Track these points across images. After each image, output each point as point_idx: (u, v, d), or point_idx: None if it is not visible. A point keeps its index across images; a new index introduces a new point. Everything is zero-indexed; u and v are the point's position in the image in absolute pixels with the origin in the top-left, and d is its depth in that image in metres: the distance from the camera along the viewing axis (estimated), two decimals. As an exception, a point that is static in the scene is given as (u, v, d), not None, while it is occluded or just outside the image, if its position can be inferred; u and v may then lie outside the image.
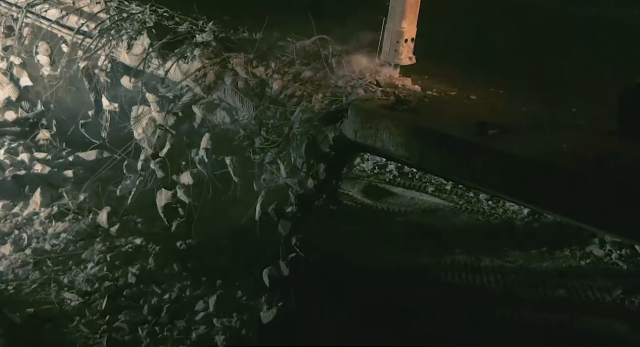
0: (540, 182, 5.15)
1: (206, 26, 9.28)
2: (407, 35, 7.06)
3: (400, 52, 7.12)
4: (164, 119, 9.04)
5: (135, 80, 9.86)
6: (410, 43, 7.12)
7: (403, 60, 7.19)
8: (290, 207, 7.27)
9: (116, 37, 10.09)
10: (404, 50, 7.12)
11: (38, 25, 11.78)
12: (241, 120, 7.98)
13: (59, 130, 11.92)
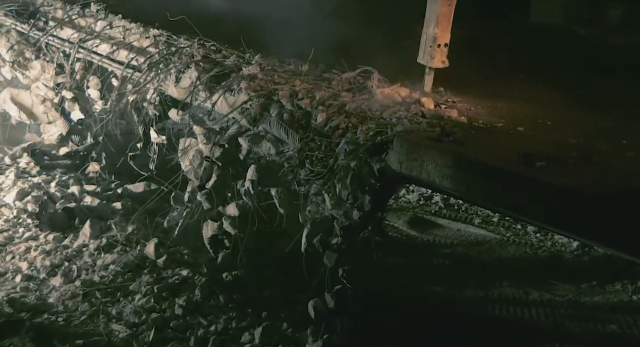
0: (590, 215, 5.05)
1: (252, 59, 9.41)
2: (440, 41, 7.30)
3: (433, 56, 7.36)
4: (211, 151, 9.13)
5: (182, 112, 10.03)
6: (443, 48, 7.36)
7: (436, 64, 7.44)
8: (335, 238, 7.25)
9: (165, 71, 10.28)
10: (437, 54, 7.36)
11: (89, 60, 12.09)
12: (286, 152, 8.02)
13: (108, 163, 12.13)
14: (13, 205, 10.94)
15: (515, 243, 10.84)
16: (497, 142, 6.44)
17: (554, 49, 10.46)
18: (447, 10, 7.24)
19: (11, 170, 12.25)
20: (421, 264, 10.16)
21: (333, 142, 7.18)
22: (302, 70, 8.64)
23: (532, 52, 10.20)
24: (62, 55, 12.72)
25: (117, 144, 11.79)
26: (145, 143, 10.98)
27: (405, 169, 6.42)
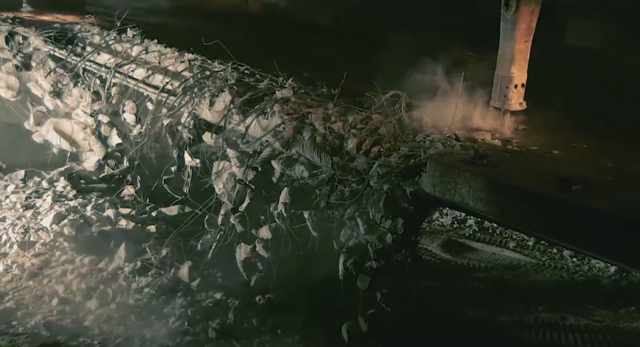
0: (628, 239, 4.97)
1: (286, 82, 9.47)
2: (516, 81, 7.07)
3: (510, 97, 7.14)
4: (244, 174, 9.18)
5: (216, 136, 10.11)
6: (520, 89, 7.13)
7: (513, 106, 7.20)
8: (369, 262, 7.21)
9: (199, 95, 10.40)
10: (513, 96, 7.13)
11: (125, 85, 12.28)
12: (319, 175, 8.04)
13: (143, 186, 12.26)
14: (50, 228, 11.08)
15: (551, 267, 10.70)
16: (532, 165, 6.38)
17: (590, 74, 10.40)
18: (524, 47, 6.99)
19: (48, 194, 12.44)
20: (455, 288, 10.07)
21: (366, 165, 7.19)
22: (335, 94, 8.67)
23: (568, 76, 10.15)
24: (99, 80, 12.95)
25: (152, 167, 11.92)
26: (179, 166, 11.09)
27: (439, 192, 6.38)
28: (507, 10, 6.91)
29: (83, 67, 13.12)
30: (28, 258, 10.30)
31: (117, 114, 12.57)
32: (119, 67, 12.43)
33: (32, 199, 12.34)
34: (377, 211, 6.96)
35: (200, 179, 10.38)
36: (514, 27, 6.91)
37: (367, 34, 12.75)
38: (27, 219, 11.51)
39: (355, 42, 12.42)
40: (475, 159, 6.39)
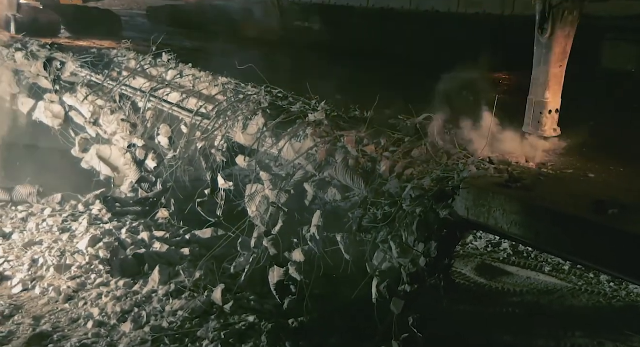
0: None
1: (319, 105, 9.51)
2: (551, 107, 7.04)
3: (543, 123, 7.11)
4: (277, 197, 9.20)
5: (249, 159, 10.17)
6: (554, 114, 7.10)
7: (547, 132, 7.17)
8: (402, 285, 7.16)
9: (232, 118, 10.49)
10: (547, 121, 7.11)
11: (160, 109, 12.43)
12: (352, 198, 8.03)
13: (177, 209, 12.34)
14: (86, 252, 11.19)
15: (587, 292, 10.51)
16: (567, 189, 6.31)
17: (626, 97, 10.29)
18: (559, 72, 6.96)
19: (84, 217, 12.58)
20: (490, 313, 9.94)
21: (398, 188, 7.17)
22: (368, 117, 8.68)
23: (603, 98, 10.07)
24: (134, 105, 13.15)
25: (186, 190, 12.02)
26: (213, 189, 11.16)
27: (473, 216, 6.34)
28: (541, 34, 6.90)
29: (119, 92, 13.34)
30: (64, 281, 10.40)
31: (151, 138, 12.72)
32: (154, 91, 12.63)
33: (69, 223, 12.50)
34: (410, 234, 6.93)
35: (234, 202, 10.43)
36: (549, 52, 6.91)
37: (402, 57, 12.80)
38: (64, 242, 11.64)
39: (389, 66, 12.46)
40: (509, 182, 6.35)
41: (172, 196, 12.41)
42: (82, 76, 14.17)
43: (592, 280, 10.94)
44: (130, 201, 13.09)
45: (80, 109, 13.81)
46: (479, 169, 6.76)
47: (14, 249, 11.36)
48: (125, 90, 13.28)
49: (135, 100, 13.10)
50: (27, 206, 13.27)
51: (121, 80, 13.45)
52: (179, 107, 11.86)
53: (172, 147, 12.30)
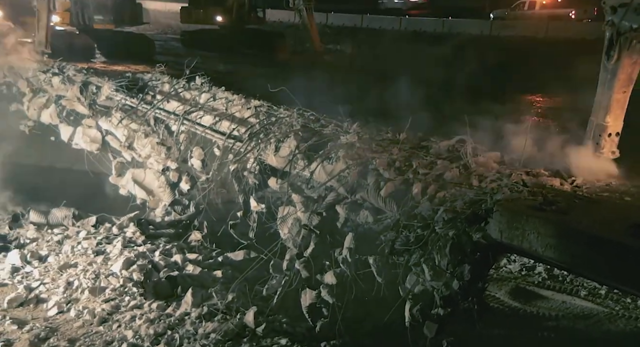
0: None
1: (350, 128, 9.53)
2: (611, 130, 7.02)
3: (602, 146, 7.09)
4: (309, 219, 9.20)
5: (281, 181, 10.20)
6: (614, 137, 7.06)
7: (605, 154, 7.14)
8: (435, 309, 7.09)
9: (265, 140, 10.55)
10: (606, 144, 7.08)
11: (193, 132, 12.55)
12: (384, 221, 8.00)
13: (209, 232, 12.38)
14: (120, 274, 11.25)
15: (624, 317, 10.29)
16: (603, 212, 6.22)
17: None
18: (622, 97, 6.96)
19: (118, 239, 12.67)
20: (524, 337, 9.78)
21: (431, 210, 7.13)
22: (400, 139, 8.68)
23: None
24: (167, 128, 13.31)
25: (218, 212, 12.07)
26: (245, 211, 11.19)
27: (506, 238, 6.28)
28: (607, 60, 6.94)
29: (153, 115, 13.51)
30: (98, 303, 10.47)
31: (185, 161, 12.83)
32: (187, 114, 12.77)
33: (103, 245, 12.59)
34: (443, 256, 6.88)
35: (266, 224, 10.45)
36: (614, 77, 6.92)
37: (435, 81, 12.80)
38: (98, 265, 11.73)
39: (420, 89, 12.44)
40: (543, 205, 6.28)
41: (205, 218, 12.48)
42: (117, 100, 14.38)
43: (629, 305, 10.72)
44: (163, 224, 13.18)
45: (116, 132, 14.01)
46: (512, 191, 6.70)
47: (50, 271, 11.47)
48: (159, 114, 13.45)
49: (168, 123, 13.25)
50: (63, 229, 13.41)
51: (155, 103, 13.63)
52: (211, 130, 11.98)
53: (205, 169, 12.40)
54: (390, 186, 7.78)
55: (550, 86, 7.95)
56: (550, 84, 7.41)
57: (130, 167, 13.65)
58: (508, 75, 10.72)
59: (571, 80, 8.85)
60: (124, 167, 13.79)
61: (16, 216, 13.73)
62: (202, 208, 12.26)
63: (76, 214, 13.82)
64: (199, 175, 12.42)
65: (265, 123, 10.82)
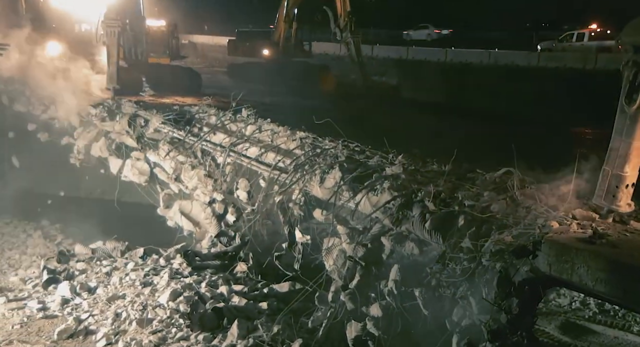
0: None
1: (396, 159, 9.51)
2: (628, 181, 6.56)
3: (619, 198, 6.63)
4: (354, 251, 9.17)
5: (326, 212, 10.20)
6: (630, 189, 6.62)
7: (622, 207, 6.69)
8: (483, 343, 6.98)
9: (310, 172, 10.60)
10: (623, 196, 6.63)
11: (239, 163, 12.67)
12: (430, 253, 7.93)
13: (255, 263, 12.40)
14: (167, 305, 11.32)
15: (679, 353, 9.97)
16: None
17: None
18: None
19: (165, 271, 12.77)
20: (576, 372, 9.53)
21: (478, 243, 7.05)
22: (446, 170, 8.63)
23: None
24: (214, 160, 13.46)
25: (264, 244, 12.09)
26: (290, 243, 11.20)
27: (555, 272, 6.17)
28: (628, 104, 6.41)
29: (200, 147, 13.69)
30: (146, 335, 10.53)
31: (230, 192, 12.93)
32: (233, 146, 12.91)
33: (150, 276, 12.70)
34: (491, 290, 6.78)
35: (311, 255, 10.44)
36: (634, 124, 6.42)
37: (480, 110, 12.75)
38: (145, 296, 11.82)
39: (465, 120, 12.42)
40: (593, 238, 6.16)
41: (251, 250, 12.52)
42: (164, 132, 14.61)
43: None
44: (209, 255, 13.25)
45: (163, 165, 14.21)
46: (561, 224, 6.59)
47: (98, 303, 11.60)
48: (205, 146, 13.62)
49: (215, 155, 13.40)
50: (111, 260, 13.58)
51: (202, 135, 13.81)
52: (257, 162, 12.09)
53: (250, 201, 12.48)
54: (436, 218, 7.72)
55: (599, 118, 7.82)
56: (598, 116, 7.26)
57: (177, 199, 13.80)
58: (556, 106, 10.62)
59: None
60: (171, 199, 13.96)
61: (62, 252, 13.96)
62: (248, 239, 12.31)
63: (124, 246, 13.99)
64: (245, 206, 12.50)
65: (310, 154, 10.89)
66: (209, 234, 13.28)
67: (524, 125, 9.12)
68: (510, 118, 9.94)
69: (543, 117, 9.00)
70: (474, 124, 10.07)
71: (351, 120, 11.74)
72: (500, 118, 10.00)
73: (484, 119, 10.30)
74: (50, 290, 12.19)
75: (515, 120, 9.52)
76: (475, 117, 11.72)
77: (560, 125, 8.31)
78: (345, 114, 12.22)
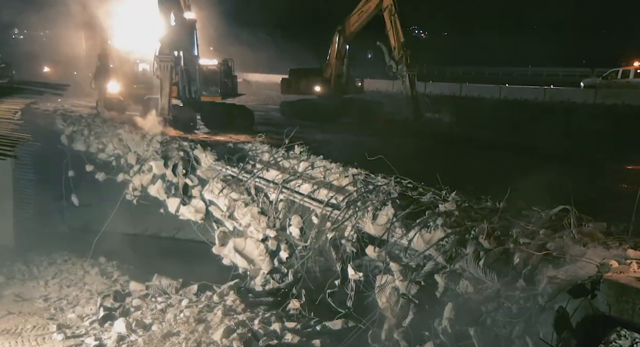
0: None
1: (449, 196, 9.44)
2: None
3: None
4: (407, 288, 9.08)
5: (379, 249, 10.15)
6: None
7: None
8: (541, 386, 6.80)
9: (362, 208, 10.58)
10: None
11: (291, 200, 12.72)
12: (485, 291, 7.80)
13: (307, 300, 12.36)
14: (220, 342, 11.33)
15: None
16: None
17: None
18: None
19: (219, 308, 12.80)
20: None
21: (535, 281, 6.92)
22: (500, 207, 8.53)
23: None
24: (267, 196, 13.55)
25: (316, 280, 12.06)
26: (343, 280, 11.15)
27: (615, 312, 6.01)
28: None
29: (253, 184, 13.80)
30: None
31: (283, 229, 12.97)
32: (286, 183, 12.99)
33: (204, 313, 12.73)
34: (548, 330, 6.62)
35: (364, 292, 10.37)
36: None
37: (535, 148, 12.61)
38: (199, 333, 11.84)
39: (519, 158, 12.28)
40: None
41: (303, 287, 12.49)
42: (218, 170, 14.79)
43: None
44: (262, 292, 13.26)
45: (218, 202, 14.36)
46: (620, 263, 6.43)
47: (154, 340, 11.68)
48: (258, 183, 13.73)
49: (267, 192, 13.49)
50: (166, 297, 13.69)
51: (255, 172, 13.94)
52: (310, 198, 12.13)
53: (303, 237, 12.49)
54: (491, 255, 7.61)
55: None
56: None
57: (232, 236, 13.90)
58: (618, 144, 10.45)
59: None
60: (226, 237, 14.07)
61: (118, 291, 14.15)
62: (301, 276, 12.29)
63: (179, 283, 14.10)
64: (298, 243, 12.52)
65: (362, 191, 10.89)
66: (262, 271, 13.30)
67: (581, 163, 8.98)
68: (567, 155, 9.77)
69: (602, 154, 8.84)
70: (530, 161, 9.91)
71: (404, 157, 11.69)
72: (557, 156, 9.83)
73: (540, 157, 10.15)
74: (107, 327, 12.35)
75: (571, 157, 9.37)
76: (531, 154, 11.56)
77: (621, 163, 8.18)
78: (397, 150, 12.19)
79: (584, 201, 7.67)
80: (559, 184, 8.22)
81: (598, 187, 8.02)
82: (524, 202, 8.46)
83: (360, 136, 19.18)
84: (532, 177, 9.16)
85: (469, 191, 9.49)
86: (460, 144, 15.47)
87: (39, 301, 14.50)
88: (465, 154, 12.93)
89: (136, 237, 16.33)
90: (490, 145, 14.67)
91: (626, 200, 7.09)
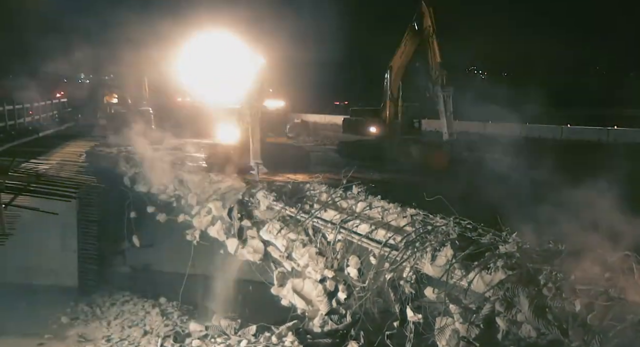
0: None
1: (509, 237, 9.33)
2: None
3: None
4: (467, 331, 8.95)
5: (438, 291, 10.04)
6: None
7: None
8: None
9: (420, 249, 10.52)
10: None
11: (349, 240, 12.71)
12: (547, 336, 7.64)
13: (366, 342, 12.26)
14: (277, 384, 11.33)
15: None
16: None
17: None
18: None
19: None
20: None
21: (596, 331, 6.74)
22: (562, 250, 8.38)
23: None
24: (324, 237, 13.56)
25: (375, 322, 11.96)
26: (401, 321, 11.04)
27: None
28: None
29: (311, 224, 13.84)
30: None
31: (341, 269, 12.94)
32: (344, 223, 13.00)
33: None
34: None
35: (423, 335, 10.25)
36: None
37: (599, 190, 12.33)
38: (258, 375, 11.87)
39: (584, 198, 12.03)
40: None
41: (362, 328, 12.39)
42: (276, 210, 14.88)
43: None
44: (321, 333, 13.20)
45: (276, 242, 14.44)
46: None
47: (211, 382, 11.75)
48: (316, 223, 13.76)
49: (325, 232, 13.51)
50: (225, 338, 13.74)
51: (313, 212, 13.99)
52: (368, 238, 12.10)
53: (361, 278, 12.44)
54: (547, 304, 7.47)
55: None
56: None
57: (290, 277, 13.93)
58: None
59: None
60: (285, 277, 14.10)
61: (178, 332, 14.26)
62: (359, 317, 12.21)
63: (238, 323, 14.16)
64: (356, 284, 12.47)
65: (421, 232, 10.84)
66: (321, 312, 13.26)
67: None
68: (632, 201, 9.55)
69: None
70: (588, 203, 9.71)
71: (463, 197, 11.61)
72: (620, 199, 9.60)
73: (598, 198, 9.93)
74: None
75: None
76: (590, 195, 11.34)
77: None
78: (456, 191, 12.11)
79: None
80: (626, 226, 8.04)
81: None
82: (585, 244, 8.30)
83: (418, 177, 19.12)
84: (596, 219, 8.98)
85: (530, 231, 9.37)
86: (521, 184, 15.23)
87: (101, 342, 14.72)
88: (524, 194, 12.70)
89: (196, 277, 16.46)
90: (551, 185, 14.41)
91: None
